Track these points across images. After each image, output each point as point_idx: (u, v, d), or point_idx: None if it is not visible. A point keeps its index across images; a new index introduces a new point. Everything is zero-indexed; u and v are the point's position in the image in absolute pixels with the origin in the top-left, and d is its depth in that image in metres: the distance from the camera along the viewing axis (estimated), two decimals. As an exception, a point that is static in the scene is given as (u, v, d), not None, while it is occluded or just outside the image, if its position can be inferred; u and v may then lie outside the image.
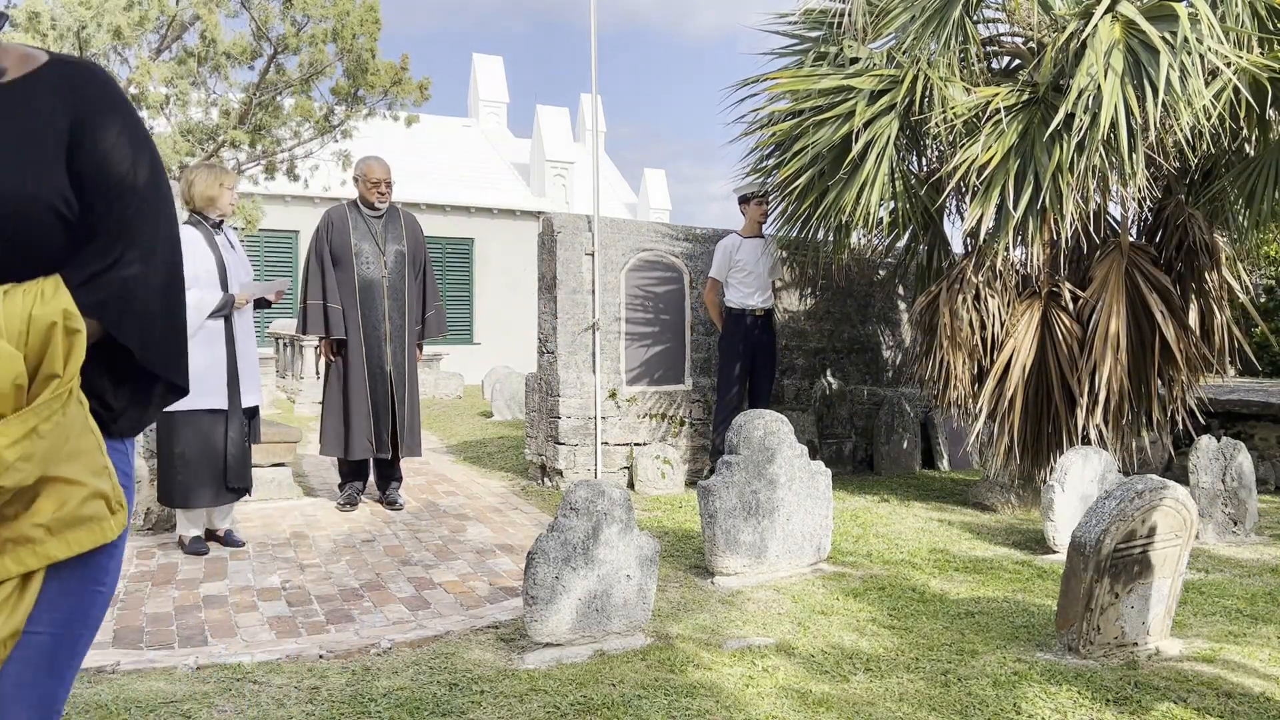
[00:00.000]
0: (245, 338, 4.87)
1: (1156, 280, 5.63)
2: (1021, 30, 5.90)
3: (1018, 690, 3.12)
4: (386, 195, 5.76)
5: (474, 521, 5.64)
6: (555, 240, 6.60)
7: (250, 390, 4.88)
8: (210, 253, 4.74)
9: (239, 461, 4.82)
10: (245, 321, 4.91)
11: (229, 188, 4.86)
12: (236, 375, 4.79)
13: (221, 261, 4.77)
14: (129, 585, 4.26)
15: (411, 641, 3.55)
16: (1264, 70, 5.08)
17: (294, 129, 11.01)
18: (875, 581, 4.43)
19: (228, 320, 4.77)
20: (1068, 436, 5.74)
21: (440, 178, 19.52)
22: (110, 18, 8.97)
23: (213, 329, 4.71)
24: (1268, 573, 4.69)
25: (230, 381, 4.77)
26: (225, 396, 4.75)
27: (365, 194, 5.73)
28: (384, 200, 5.75)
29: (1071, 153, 5.07)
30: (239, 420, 4.81)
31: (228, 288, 4.76)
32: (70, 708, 2.90)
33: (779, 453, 4.42)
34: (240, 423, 4.83)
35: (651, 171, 25.75)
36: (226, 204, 4.88)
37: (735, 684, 3.16)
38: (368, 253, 5.67)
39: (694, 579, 4.41)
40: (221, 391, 4.73)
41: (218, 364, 4.72)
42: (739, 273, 6.54)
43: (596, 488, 3.46)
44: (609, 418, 6.65)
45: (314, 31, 10.09)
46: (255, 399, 4.93)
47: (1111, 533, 3.28)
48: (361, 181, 5.74)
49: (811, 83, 5.87)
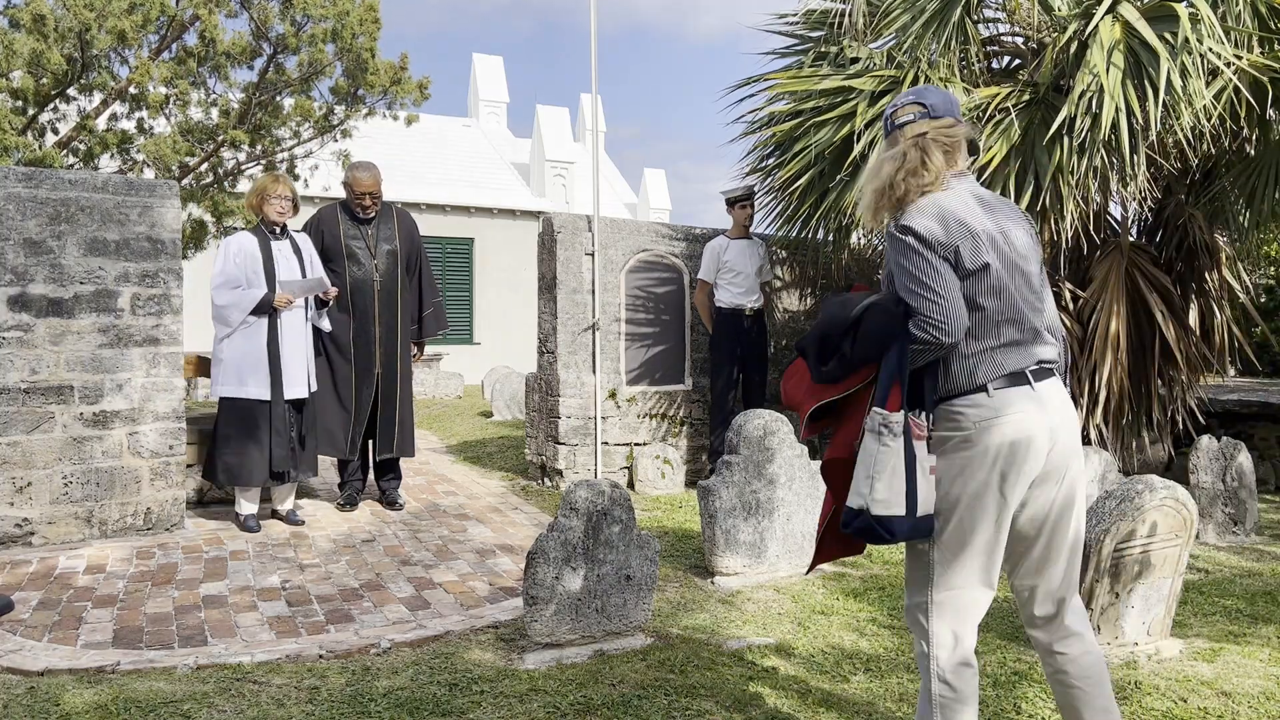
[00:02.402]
0: (293, 334, 5.27)
1: (1157, 280, 5.64)
2: (1022, 30, 5.91)
3: (1018, 690, 3.12)
4: (371, 208, 5.67)
5: (474, 521, 5.64)
6: (555, 240, 6.60)
7: (297, 383, 5.26)
8: (259, 256, 5.22)
9: (283, 449, 5.22)
10: (293, 318, 5.28)
11: (273, 196, 5.28)
12: (279, 368, 5.19)
13: (270, 265, 5.22)
14: (129, 585, 4.26)
15: (411, 641, 3.55)
16: (1264, 70, 5.08)
17: (294, 129, 11.00)
18: (875, 581, 4.43)
19: (272, 316, 5.18)
20: (1068, 436, 5.73)
21: (440, 178, 19.51)
22: (113, 20, 8.97)
23: (255, 323, 5.17)
24: (1268, 573, 4.69)
25: (272, 373, 5.18)
26: (268, 387, 5.17)
27: (351, 203, 5.71)
28: (369, 212, 5.68)
29: (1072, 153, 5.07)
30: (282, 410, 5.22)
31: (274, 289, 5.19)
32: (70, 708, 2.90)
33: (779, 452, 4.42)
34: (284, 412, 5.23)
35: (651, 171, 25.75)
36: (272, 212, 5.30)
37: (735, 684, 3.16)
38: (358, 253, 5.65)
39: (694, 579, 4.41)
40: (264, 382, 5.17)
41: (258, 356, 5.16)
42: (728, 274, 6.54)
43: (596, 488, 3.46)
44: (609, 418, 6.65)
45: (313, 31, 10.08)
46: (303, 390, 5.30)
47: (1112, 533, 3.28)
48: (348, 190, 5.70)
49: (812, 83, 5.87)
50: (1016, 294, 2.26)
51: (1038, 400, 2.24)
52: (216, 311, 5.17)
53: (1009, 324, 2.25)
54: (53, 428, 4.93)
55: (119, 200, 5.11)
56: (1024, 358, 2.26)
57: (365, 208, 5.66)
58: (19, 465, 4.85)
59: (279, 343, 5.20)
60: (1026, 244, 2.33)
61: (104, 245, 5.06)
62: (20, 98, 9.42)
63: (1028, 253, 2.32)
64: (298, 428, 5.35)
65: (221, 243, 5.71)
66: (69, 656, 3.38)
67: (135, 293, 5.14)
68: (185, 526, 5.31)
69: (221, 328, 5.19)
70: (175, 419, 5.24)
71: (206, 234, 11.08)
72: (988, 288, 2.23)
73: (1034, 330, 2.29)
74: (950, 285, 2.19)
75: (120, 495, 5.10)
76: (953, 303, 2.18)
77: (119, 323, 5.10)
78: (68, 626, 3.71)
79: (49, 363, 4.93)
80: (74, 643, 3.54)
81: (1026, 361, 2.26)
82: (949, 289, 2.18)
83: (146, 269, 5.17)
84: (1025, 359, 2.26)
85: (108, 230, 5.07)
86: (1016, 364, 2.25)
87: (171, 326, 5.24)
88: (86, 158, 9.83)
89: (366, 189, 5.62)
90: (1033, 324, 2.29)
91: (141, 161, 10.18)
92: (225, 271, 5.18)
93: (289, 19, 10.03)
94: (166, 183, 5.29)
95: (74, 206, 4.99)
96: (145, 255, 5.16)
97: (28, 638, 3.58)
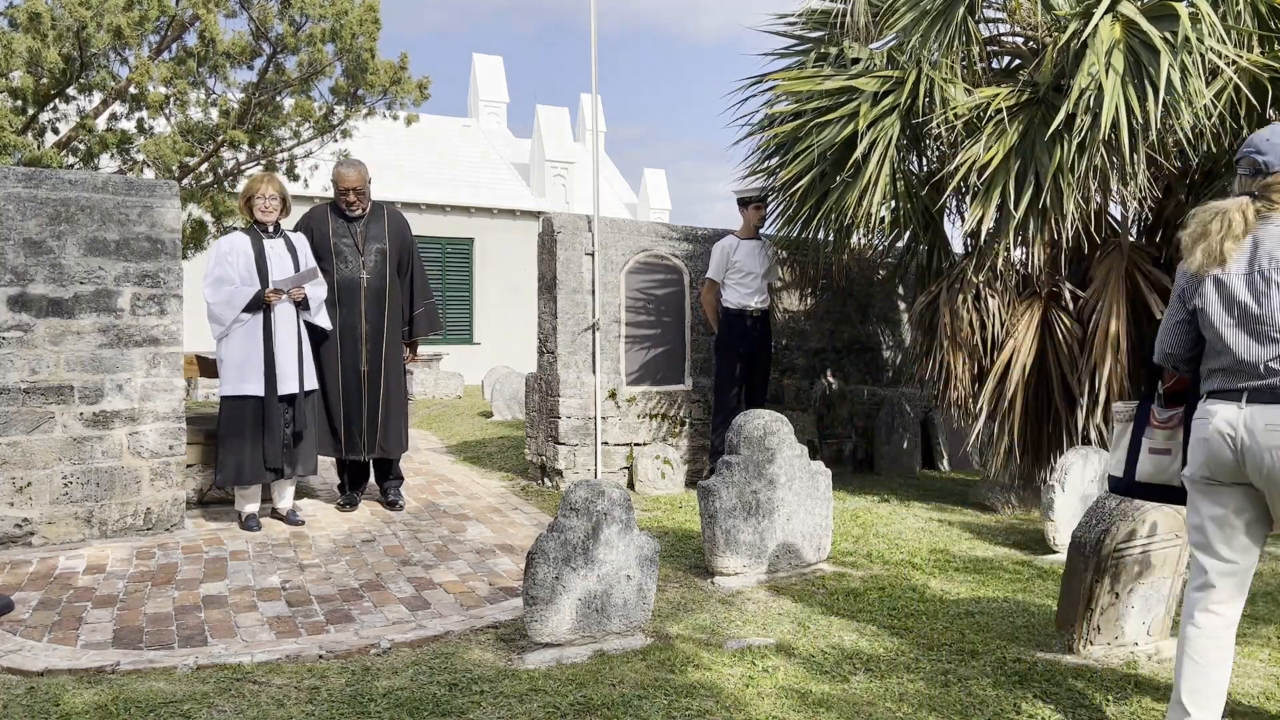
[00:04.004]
0: (286, 330, 5.29)
1: (1157, 280, 5.63)
2: (1022, 30, 5.90)
3: (1018, 690, 3.12)
4: (356, 204, 5.64)
5: (474, 521, 5.64)
6: (555, 240, 6.60)
7: (289, 378, 5.28)
8: (251, 254, 5.24)
9: (276, 445, 5.25)
10: (286, 315, 5.30)
11: (258, 196, 5.32)
12: (274, 365, 5.23)
13: (262, 262, 5.24)
14: (129, 585, 4.26)
15: (411, 641, 3.55)
16: (1264, 69, 5.07)
17: (293, 129, 11.00)
18: (875, 581, 4.43)
19: (266, 313, 5.20)
20: (1068, 436, 5.74)
21: (440, 178, 19.51)
22: (110, 18, 8.96)
23: (251, 322, 5.20)
24: (1268, 573, 4.69)
25: (267, 371, 5.21)
26: (262, 385, 5.21)
27: (337, 200, 5.70)
28: (355, 209, 5.65)
29: (1072, 153, 5.07)
30: (275, 407, 5.24)
31: (267, 286, 5.20)
32: (70, 708, 2.90)
33: (779, 453, 4.42)
34: (277, 409, 5.25)
35: (651, 171, 25.75)
36: (258, 212, 5.34)
37: (735, 684, 3.16)
38: (346, 252, 5.64)
39: (694, 579, 4.41)
40: (259, 380, 5.20)
41: (255, 354, 5.20)
42: (736, 274, 6.53)
43: (596, 488, 3.45)
44: (609, 418, 6.65)
45: (313, 31, 10.07)
46: (294, 386, 5.31)
47: (1112, 533, 3.28)
48: (335, 187, 5.69)
49: (814, 84, 5.86)
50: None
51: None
52: (209, 310, 5.20)
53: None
54: (53, 428, 4.93)
55: (119, 200, 5.11)
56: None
57: (350, 204, 5.64)
58: (19, 465, 4.85)
59: (273, 339, 5.23)
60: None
61: (104, 245, 5.06)
62: (20, 97, 9.42)
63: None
64: (293, 424, 5.36)
65: (214, 243, 5.70)
66: (69, 657, 3.38)
67: (135, 293, 5.14)
68: (185, 526, 5.31)
69: (216, 327, 5.21)
70: (175, 419, 5.24)
71: (206, 234, 11.07)
72: None
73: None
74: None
75: (120, 495, 5.10)
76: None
77: (119, 323, 5.10)
78: (68, 626, 3.71)
79: (49, 363, 4.92)
80: (74, 643, 3.54)
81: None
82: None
83: (146, 269, 5.17)
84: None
85: (108, 230, 5.07)
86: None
87: (171, 326, 5.23)
88: (86, 158, 9.83)
89: (350, 185, 5.60)
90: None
91: (141, 161, 10.17)
92: (216, 271, 5.21)
93: (288, 19, 10.03)
94: (166, 183, 5.29)
95: (74, 206, 4.99)
96: (145, 255, 5.16)
97: (28, 638, 3.57)
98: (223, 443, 5.25)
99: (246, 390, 5.19)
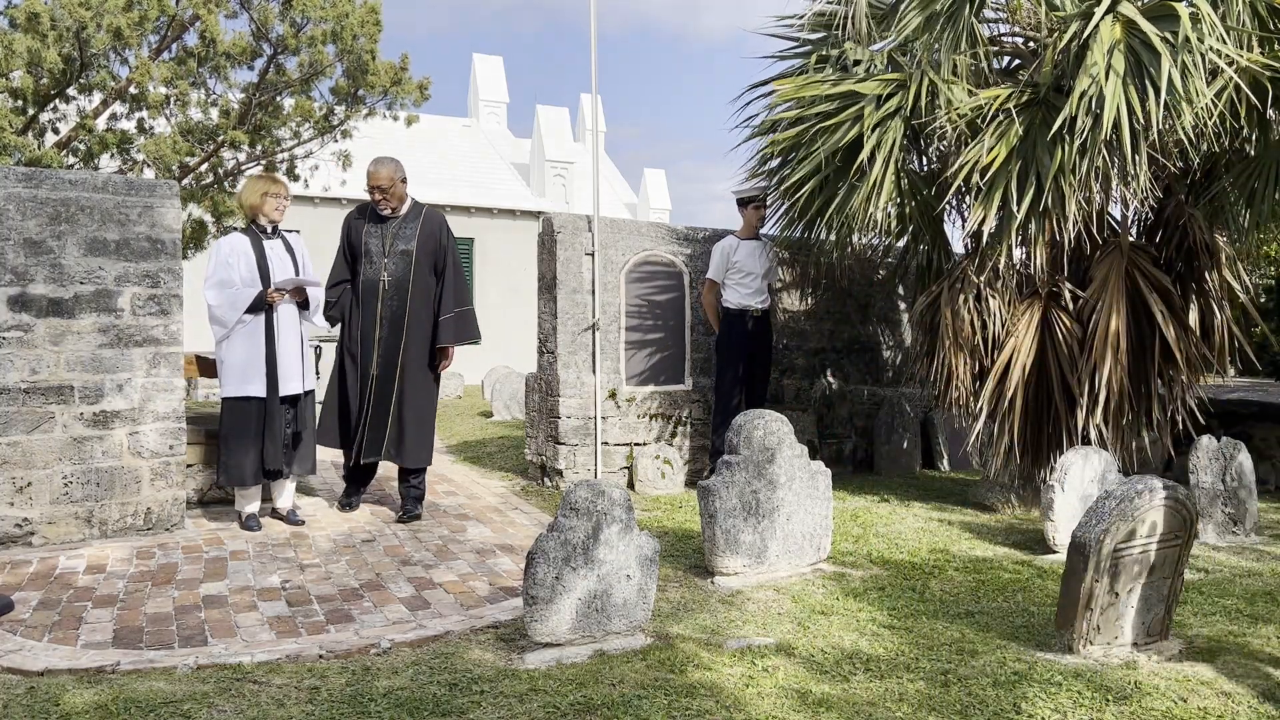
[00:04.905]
0: (288, 330, 5.28)
1: (1157, 280, 5.63)
2: (1023, 30, 5.90)
3: (1018, 690, 3.12)
4: (384, 203, 5.48)
5: (474, 521, 5.64)
6: (555, 240, 6.60)
7: (292, 379, 5.29)
8: (252, 256, 5.21)
9: (276, 445, 5.24)
10: (287, 315, 5.29)
11: (272, 195, 5.32)
12: (275, 366, 5.22)
13: (264, 264, 5.22)
14: (129, 585, 4.26)
15: (411, 641, 3.55)
16: (1265, 69, 5.07)
17: (294, 129, 11.01)
18: (875, 581, 4.43)
19: (268, 314, 5.20)
20: (1068, 436, 5.73)
21: (440, 178, 19.52)
22: (110, 18, 8.96)
23: (254, 323, 5.19)
24: (1267, 573, 4.69)
25: (269, 372, 5.21)
26: (264, 385, 5.21)
27: (369, 196, 5.60)
28: (383, 208, 5.50)
29: (1074, 154, 5.07)
30: (277, 407, 5.24)
31: (269, 287, 5.20)
32: (70, 708, 2.90)
33: (779, 453, 4.42)
34: (279, 410, 5.25)
35: (651, 171, 25.77)
36: (272, 210, 5.33)
37: (735, 684, 3.16)
38: (373, 253, 5.53)
39: (694, 579, 4.41)
40: (260, 381, 5.20)
41: (258, 355, 5.20)
42: (737, 274, 6.53)
43: (596, 488, 3.45)
44: (609, 418, 6.65)
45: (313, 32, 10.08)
46: (297, 386, 5.33)
47: (1112, 532, 3.28)
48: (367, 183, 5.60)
49: (817, 89, 5.85)
50: None
51: None
52: (210, 312, 5.18)
53: None
54: (53, 428, 4.93)
55: (119, 200, 5.11)
56: None
57: (377, 202, 5.51)
58: (19, 465, 4.85)
59: (275, 340, 5.22)
60: None
61: (104, 245, 5.06)
62: (20, 97, 9.43)
63: None
64: (294, 424, 5.37)
65: (214, 244, 5.66)
66: (69, 656, 3.38)
67: (135, 293, 5.14)
68: (185, 526, 5.31)
69: (218, 329, 5.19)
70: (175, 419, 5.24)
71: (206, 234, 11.08)
72: None
73: None
74: None
75: (120, 495, 5.10)
76: None
77: (119, 323, 5.10)
78: (68, 626, 3.71)
79: (49, 363, 4.93)
80: (74, 643, 3.54)
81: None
82: None
83: (147, 269, 5.17)
84: None
85: (108, 230, 5.07)
86: None
87: (172, 327, 5.24)
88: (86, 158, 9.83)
89: (375, 182, 5.47)
90: None
91: (141, 161, 10.18)
92: (217, 273, 5.19)
93: (289, 20, 10.03)
94: (167, 183, 5.29)
95: (74, 206, 4.99)
96: (145, 255, 5.17)
97: (28, 638, 3.58)
98: (225, 444, 5.25)
99: (250, 391, 5.19)
